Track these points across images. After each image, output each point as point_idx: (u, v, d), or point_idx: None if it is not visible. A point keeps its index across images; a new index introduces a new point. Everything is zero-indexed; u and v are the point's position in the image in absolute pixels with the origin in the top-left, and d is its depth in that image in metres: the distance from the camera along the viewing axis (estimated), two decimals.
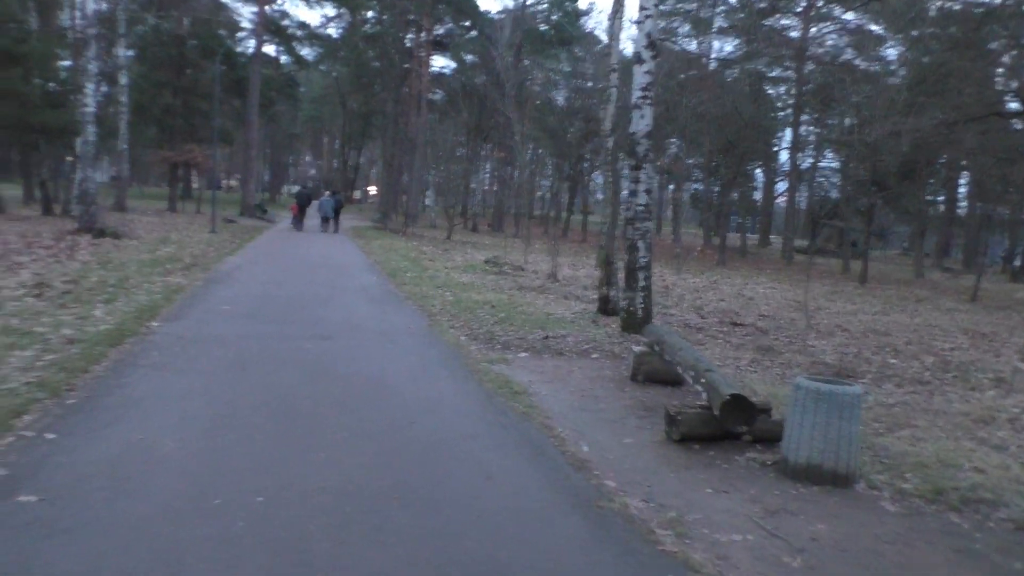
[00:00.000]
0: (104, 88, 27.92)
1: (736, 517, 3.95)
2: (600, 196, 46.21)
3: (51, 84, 24.62)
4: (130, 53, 31.30)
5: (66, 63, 26.78)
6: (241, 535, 3.23)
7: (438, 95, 50.10)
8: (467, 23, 45.18)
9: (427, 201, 51.26)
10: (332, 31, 48.32)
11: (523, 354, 8.06)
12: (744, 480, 4.54)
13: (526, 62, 40.89)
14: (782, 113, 38.94)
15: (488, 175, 55.80)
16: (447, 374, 6.89)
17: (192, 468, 3.97)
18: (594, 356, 8.17)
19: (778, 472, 4.69)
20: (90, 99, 18.58)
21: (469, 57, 46.55)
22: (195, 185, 49.11)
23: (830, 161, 41.28)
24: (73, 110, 21.39)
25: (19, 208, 25.76)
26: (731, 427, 5.07)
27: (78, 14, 23.92)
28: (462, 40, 45.94)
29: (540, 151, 47.86)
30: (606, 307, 11.35)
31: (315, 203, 33.60)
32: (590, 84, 39.74)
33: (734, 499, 4.21)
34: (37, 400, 4.81)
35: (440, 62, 52.23)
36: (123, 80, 28.39)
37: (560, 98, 44.88)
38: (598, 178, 44.93)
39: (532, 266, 19.03)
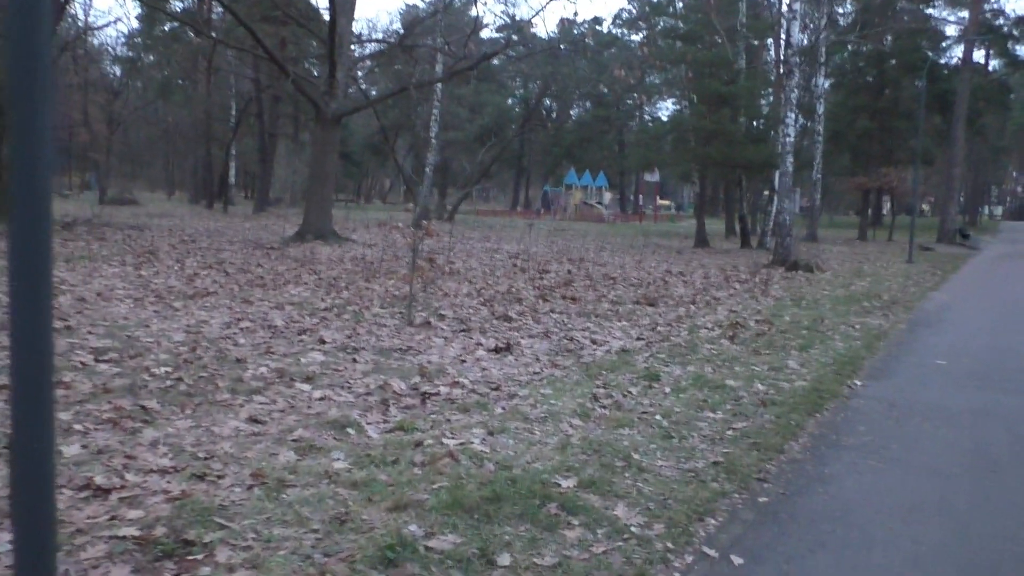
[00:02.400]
0: (800, 121, 28.30)
1: None
2: None
3: (754, 121, 25.76)
4: (827, 83, 31.20)
5: (766, 101, 27.90)
6: None
7: None
8: None
9: None
10: None
11: None
12: None
13: None
14: None
15: None
16: None
17: None
18: None
19: None
20: (791, 128, 18.50)
21: None
22: (883, 211, 46.91)
23: None
24: (773, 145, 21.85)
25: (720, 242, 27.70)
26: None
27: (782, 44, 24.50)
28: None
29: None
30: None
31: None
32: None
33: None
34: (724, 494, 3.81)
35: None
36: (820, 109, 28.38)
37: None
38: None
39: None
